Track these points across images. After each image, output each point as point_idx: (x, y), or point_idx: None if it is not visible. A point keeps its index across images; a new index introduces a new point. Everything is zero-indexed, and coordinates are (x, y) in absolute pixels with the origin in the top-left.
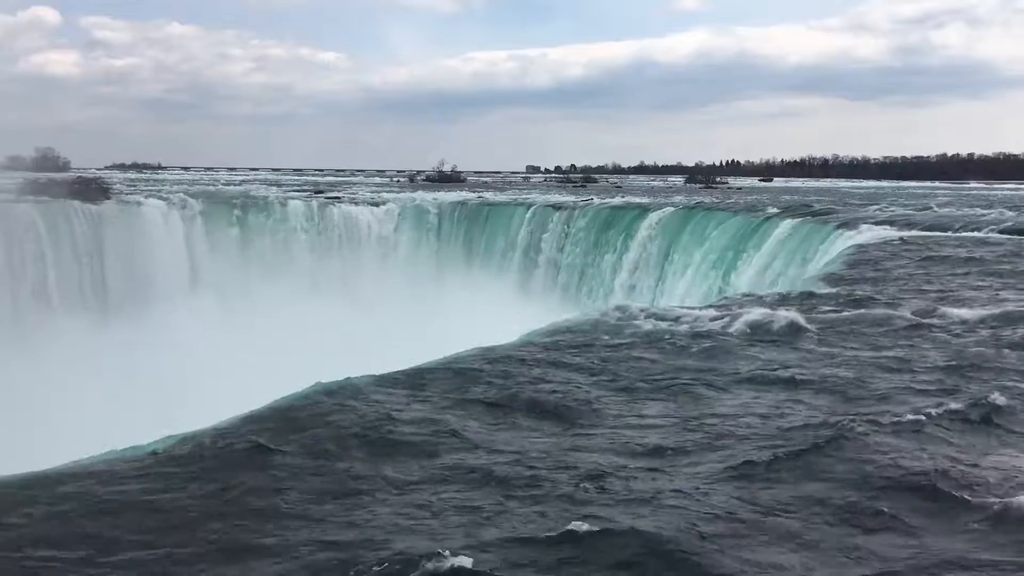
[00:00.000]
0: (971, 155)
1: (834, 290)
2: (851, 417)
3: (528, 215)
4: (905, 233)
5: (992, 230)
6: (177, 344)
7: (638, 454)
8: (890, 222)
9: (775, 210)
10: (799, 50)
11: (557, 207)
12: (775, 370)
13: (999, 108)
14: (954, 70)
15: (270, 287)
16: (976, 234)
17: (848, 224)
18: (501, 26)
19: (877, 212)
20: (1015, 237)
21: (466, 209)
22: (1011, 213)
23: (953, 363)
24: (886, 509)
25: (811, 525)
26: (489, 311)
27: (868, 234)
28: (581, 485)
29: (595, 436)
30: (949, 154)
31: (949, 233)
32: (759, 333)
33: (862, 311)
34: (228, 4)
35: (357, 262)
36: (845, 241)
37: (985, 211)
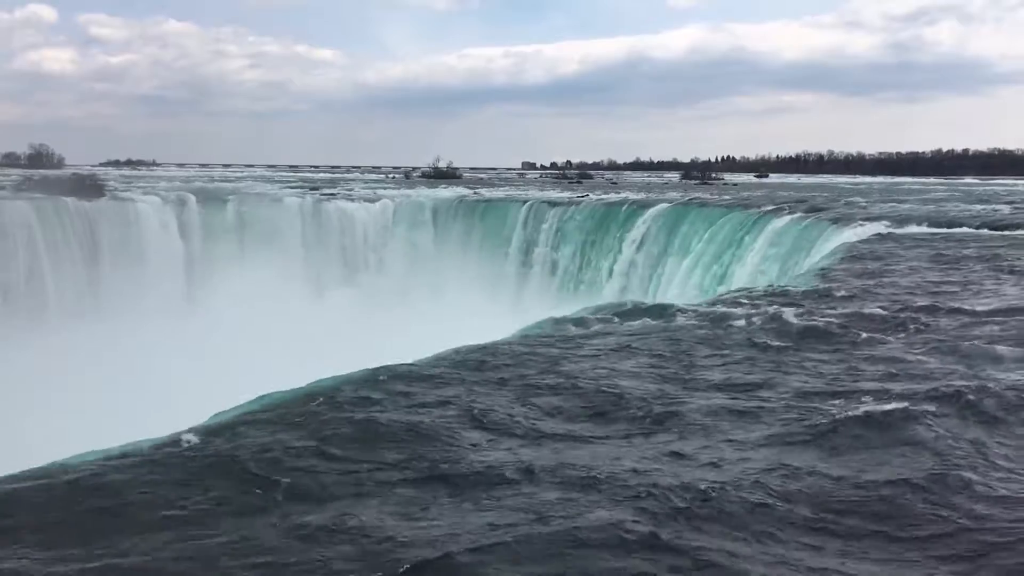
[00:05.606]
0: (966, 151)
1: (830, 285)
2: (848, 413)
3: (524, 211)
4: (900, 230)
5: (982, 226)
6: (172, 341)
7: (609, 457)
8: (885, 218)
9: (771, 206)
10: (793, 47)
11: (553, 203)
12: (772, 367)
13: (993, 104)
14: (947, 66)
15: (266, 284)
16: (965, 230)
17: (843, 220)
18: (496, 23)
19: (873, 208)
20: (1005, 233)
21: (462, 205)
22: (1006, 208)
23: (949, 359)
24: (877, 508)
25: (804, 523)
26: (485, 307)
27: (863, 229)
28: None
29: (592, 435)
30: (944, 150)
31: (944, 230)
32: (756, 329)
33: (858, 307)
34: (224, 1)
35: (353, 259)
36: (841, 237)
37: (978, 207)
